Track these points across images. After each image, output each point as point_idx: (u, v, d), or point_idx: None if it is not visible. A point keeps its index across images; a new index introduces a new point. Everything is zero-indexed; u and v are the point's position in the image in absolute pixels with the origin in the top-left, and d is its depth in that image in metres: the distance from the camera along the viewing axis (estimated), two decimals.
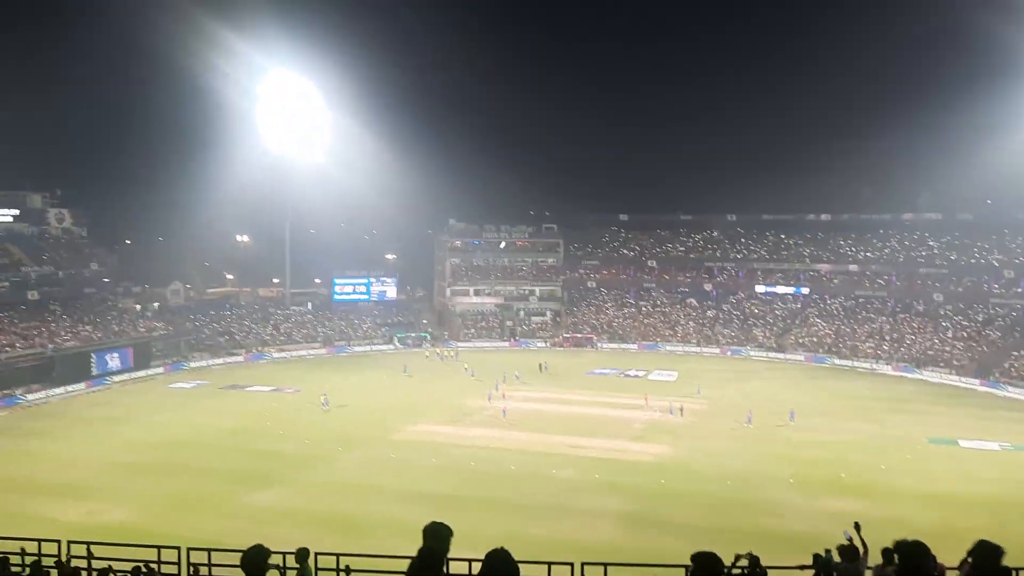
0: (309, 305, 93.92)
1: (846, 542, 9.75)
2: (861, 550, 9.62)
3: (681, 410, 50.29)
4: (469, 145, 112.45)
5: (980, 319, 76.51)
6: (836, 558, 9.90)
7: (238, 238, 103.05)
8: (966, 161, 73.50)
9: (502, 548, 4.60)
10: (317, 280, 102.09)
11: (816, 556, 9.53)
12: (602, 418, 49.70)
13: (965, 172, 74.60)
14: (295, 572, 11.02)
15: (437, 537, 4.88)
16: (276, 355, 79.23)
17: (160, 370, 69.74)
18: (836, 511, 29.46)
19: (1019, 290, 77.52)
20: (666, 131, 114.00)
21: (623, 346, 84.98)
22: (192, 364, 72.77)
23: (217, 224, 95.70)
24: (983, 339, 72.91)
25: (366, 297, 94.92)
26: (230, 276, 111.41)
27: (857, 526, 9.88)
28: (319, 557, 14.15)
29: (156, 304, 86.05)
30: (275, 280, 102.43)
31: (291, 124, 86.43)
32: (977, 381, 64.84)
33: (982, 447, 43.53)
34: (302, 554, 11.00)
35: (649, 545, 25.57)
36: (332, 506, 31.64)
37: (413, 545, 5.97)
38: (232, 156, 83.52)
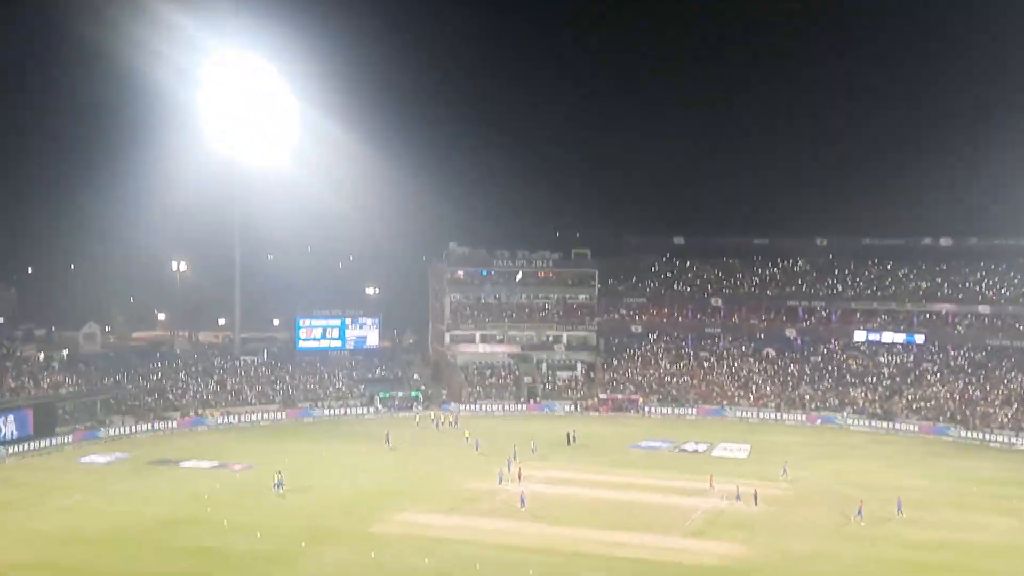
0: (265, 354, 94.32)
1: None
2: None
3: (755, 497, 49.91)
4: (477, 151, 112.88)
5: None
6: None
7: (174, 266, 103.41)
8: None
9: None
10: (276, 322, 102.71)
11: None
12: (650, 506, 49.38)
13: None
14: None
15: None
16: (221, 420, 79.34)
17: (69, 439, 69.87)
18: None
19: None
20: (735, 132, 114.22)
21: (678, 411, 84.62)
22: (110, 431, 72.96)
23: (146, 249, 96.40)
24: None
25: (339, 344, 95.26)
26: (162, 316, 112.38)
27: None
28: None
29: (65, 352, 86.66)
30: (221, 321, 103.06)
31: (246, 121, 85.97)
32: None
33: None
34: None
35: None
36: None
37: None
38: (168, 161, 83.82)
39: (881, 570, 38.57)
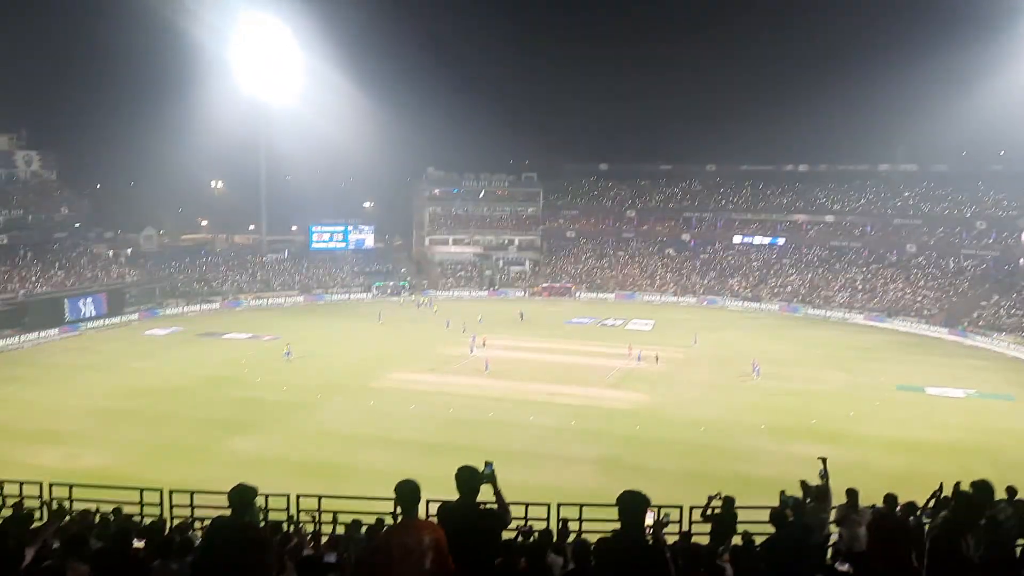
0: (286, 252, 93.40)
1: (819, 480, 10.08)
2: (821, 484, 9.94)
3: (657, 358, 51.00)
4: (448, 93, 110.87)
5: (951, 270, 77.82)
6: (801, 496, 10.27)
7: (212, 184, 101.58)
8: (942, 112, 73.77)
9: (627, 491, 5.11)
10: (294, 227, 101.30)
11: (782, 494, 9.89)
12: (580, 366, 50.31)
13: (941, 123, 74.92)
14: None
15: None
16: (253, 303, 78.97)
17: (134, 317, 69.32)
18: (806, 456, 29.90)
19: (989, 241, 78.87)
20: (647, 80, 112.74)
21: (601, 295, 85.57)
22: (167, 311, 72.39)
23: (190, 169, 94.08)
24: (953, 289, 74.25)
25: (344, 245, 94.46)
26: (205, 222, 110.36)
27: (824, 460, 10.15)
28: (302, 500, 14.47)
29: (129, 250, 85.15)
30: (251, 227, 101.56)
31: (264, 67, 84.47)
32: (946, 330, 66.24)
33: (948, 394, 44.75)
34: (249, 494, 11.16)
35: (624, 489, 26.16)
36: (313, 453, 32.00)
37: (392, 490, 6.24)
38: (204, 100, 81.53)
39: (745, 408, 39.93)
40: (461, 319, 65.41)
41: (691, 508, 12.64)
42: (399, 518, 5.84)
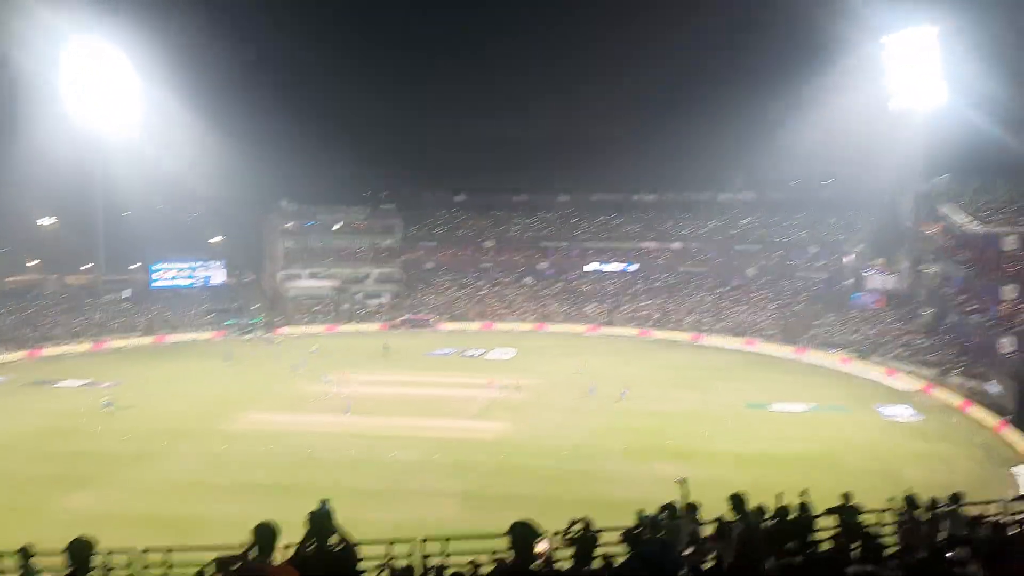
0: (126, 293, 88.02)
1: (678, 492, 10.47)
2: (681, 504, 10.44)
3: (518, 387, 51.51)
4: (301, 123, 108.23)
5: (788, 292, 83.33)
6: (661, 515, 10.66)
7: (41, 221, 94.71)
8: (776, 142, 79.18)
9: (518, 522, 5.22)
10: (135, 265, 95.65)
11: (640, 515, 10.16)
12: (443, 398, 50.09)
13: (775, 153, 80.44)
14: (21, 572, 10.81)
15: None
16: (90, 347, 73.76)
17: None
18: (663, 476, 31.13)
19: (821, 263, 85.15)
20: (501, 111, 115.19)
21: (463, 325, 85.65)
22: None
23: (16, 206, 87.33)
24: (789, 310, 79.49)
25: (190, 282, 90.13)
26: (33, 263, 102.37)
27: (683, 481, 10.70)
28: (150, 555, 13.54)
29: None
30: (84, 267, 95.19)
31: (99, 96, 79.81)
32: (786, 348, 70.67)
33: (791, 409, 47.69)
34: (23, 553, 10.95)
35: (491, 519, 25.80)
36: (159, 505, 30.08)
37: (246, 538, 6.00)
38: (31, 131, 75.71)
39: (606, 432, 40.97)
40: (315, 357, 63.67)
41: (554, 533, 12.77)
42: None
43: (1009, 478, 33.50)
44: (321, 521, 5.81)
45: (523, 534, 5.46)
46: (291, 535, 7.14)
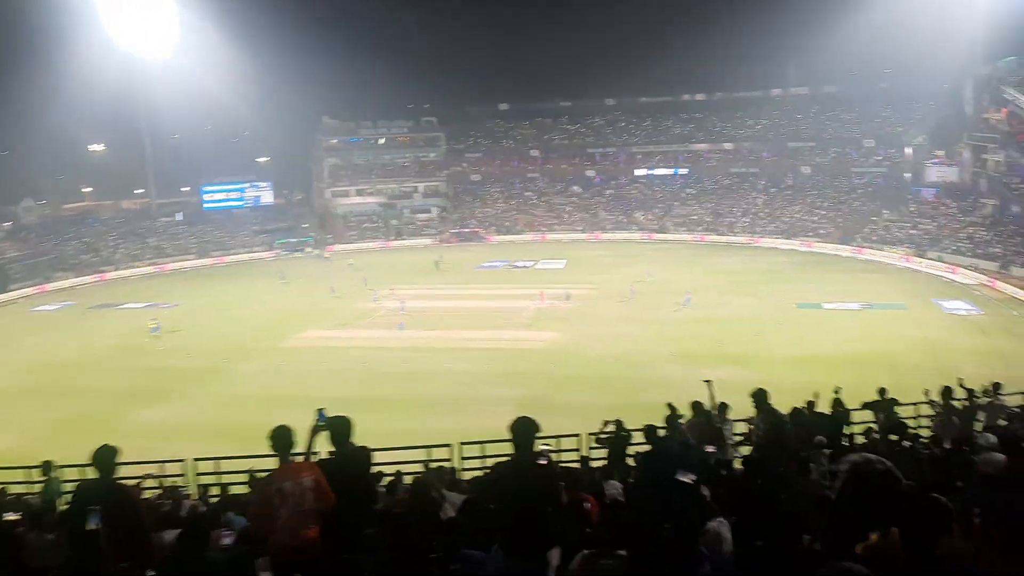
0: (179, 215, 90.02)
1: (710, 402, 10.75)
2: (708, 404, 10.76)
3: (568, 297, 51.80)
4: (339, 38, 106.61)
5: (844, 189, 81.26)
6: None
7: (92, 147, 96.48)
8: (831, 34, 75.84)
9: (520, 417, 5.54)
10: (185, 188, 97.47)
11: (668, 415, 10.45)
12: (494, 310, 50.68)
13: (830, 45, 77.10)
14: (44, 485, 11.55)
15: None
16: (149, 270, 76.08)
17: (23, 292, 66.00)
18: (715, 379, 31.57)
19: (878, 159, 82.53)
20: (543, 15, 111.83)
21: (513, 237, 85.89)
22: (56, 284, 69.05)
23: (66, 133, 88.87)
24: (846, 207, 77.70)
25: (240, 203, 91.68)
26: (88, 189, 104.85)
27: (709, 383, 11.04)
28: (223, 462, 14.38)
29: (8, 224, 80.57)
30: (139, 191, 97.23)
31: (139, 19, 79.93)
32: (841, 247, 69.48)
33: (845, 307, 47.23)
34: (45, 467, 11.63)
35: (544, 424, 26.82)
36: (227, 417, 31.41)
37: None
38: (75, 58, 76.37)
39: (657, 339, 41.15)
40: (365, 273, 64.65)
41: (588, 434, 13.20)
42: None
43: None
44: (330, 429, 6.17)
45: (524, 430, 5.59)
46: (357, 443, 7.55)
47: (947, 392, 12.21)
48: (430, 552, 4.95)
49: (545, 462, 5.94)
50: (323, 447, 6.60)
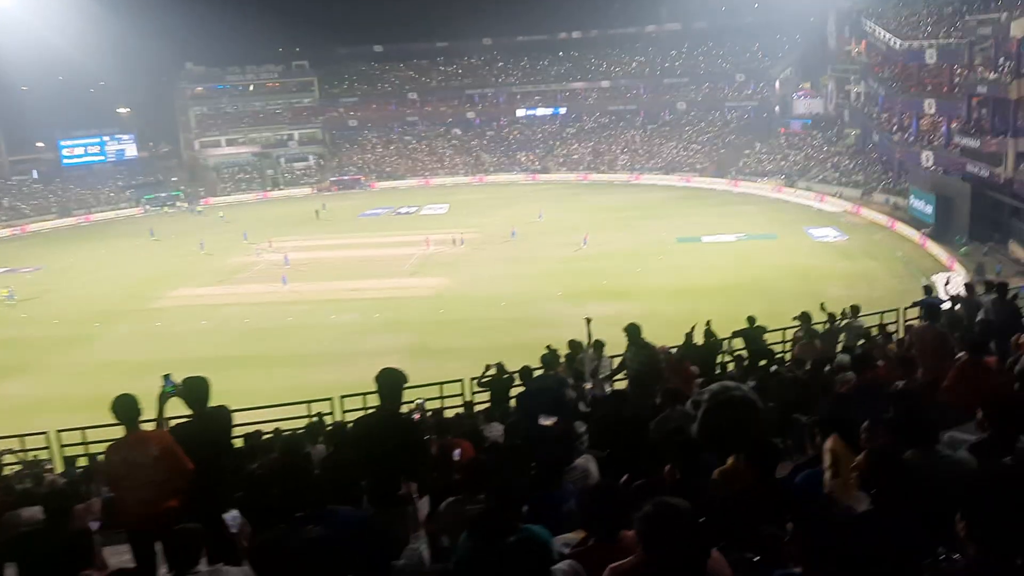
0: (35, 173, 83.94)
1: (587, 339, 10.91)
2: (586, 342, 10.96)
3: (454, 241, 51.54)
4: None
5: (718, 123, 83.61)
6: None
7: None
8: None
9: (385, 368, 5.34)
10: (40, 144, 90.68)
11: (544, 353, 10.57)
12: (379, 258, 50.01)
13: None
14: None
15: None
16: (4, 232, 70.86)
17: None
18: (600, 315, 32.03)
19: (749, 92, 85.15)
20: None
21: (393, 183, 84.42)
22: None
23: None
24: (720, 142, 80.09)
25: (102, 158, 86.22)
26: None
27: (587, 321, 11.23)
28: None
29: None
30: None
31: None
32: (717, 181, 71.76)
33: (721, 240, 49.03)
34: None
35: (434, 370, 26.55)
36: (96, 387, 29.70)
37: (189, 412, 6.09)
38: None
39: (542, 278, 41.74)
40: (245, 226, 62.36)
41: (471, 379, 13.21)
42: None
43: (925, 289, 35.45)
44: (184, 392, 5.90)
45: (389, 381, 5.60)
46: (235, 403, 7.23)
47: (807, 317, 12.81)
48: (294, 511, 4.77)
49: (419, 415, 5.83)
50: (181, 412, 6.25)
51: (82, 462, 13.21)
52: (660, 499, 2.78)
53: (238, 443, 10.90)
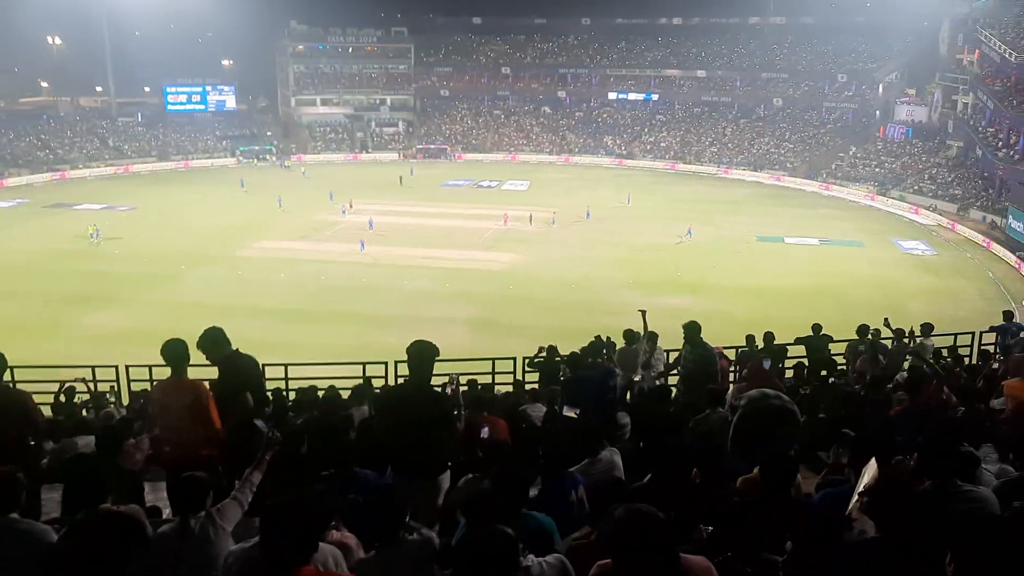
0: (139, 116, 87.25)
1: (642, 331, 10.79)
2: (642, 333, 10.80)
3: (530, 219, 51.56)
4: None
5: (814, 123, 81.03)
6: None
7: (50, 40, 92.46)
8: None
9: (416, 341, 5.38)
10: (146, 88, 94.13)
11: (595, 340, 10.49)
12: (455, 229, 50.40)
13: None
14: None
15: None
16: (107, 171, 74.06)
17: None
18: (669, 307, 31.73)
19: (850, 94, 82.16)
20: None
21: (478, 156, 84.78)
22: (11, 181, 66.96)
23: (24, 23, 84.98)
24: (815, 142, 77.64)
25: (203, 107, 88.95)
26: (45, 84, 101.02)
27: (643, 312, 11.06)
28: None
29: None
30: (98, 88, 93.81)
31: None
32: (807, 182, 69.71)
33: (804, 242, 47.69)
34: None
35: (495, 345, 26.85)
36: (176, 324, 30.48)
37: (263, 360, 6.27)
38: None
39: (614, 264, 41.37)
40: (330, 185, 63.54)
41: (523, 358, 13.19)
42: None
43: (1019, 312, 33.77)
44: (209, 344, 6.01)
45: (419, 354, 5.58)
46: (302, 357, 7.42)
47: (865, 330, 12.40)
48: (321, 470, 4.88)
49: (451, 388, 5.84)
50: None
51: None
52: (631, 505, 2.74)
53: (292, 396, 11.22)
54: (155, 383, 6.14)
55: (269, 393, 7.76)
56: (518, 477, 4.07)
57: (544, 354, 11.85)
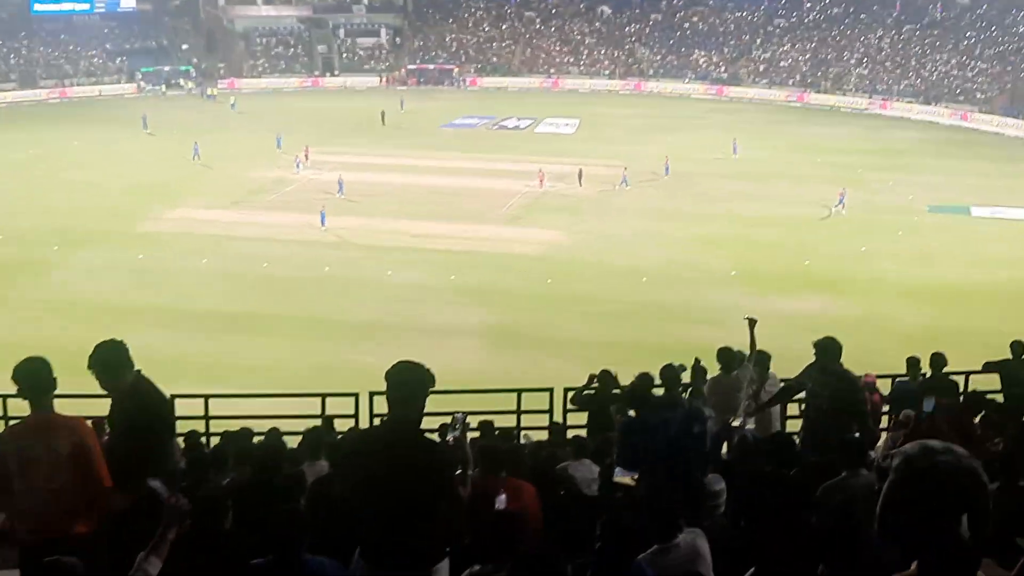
0: None
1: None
2: (748, 354, 10.67)
3: (579, 177, 51.46)
4: None
5: (1019, 32, 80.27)
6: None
7: None
8: None
9: (400, 362, 5.31)
10: None
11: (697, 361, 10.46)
12: (463, 192, 50.52)
13: None
14: None
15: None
16: None
17: None
18: (794, 313, 31.64)
19: None
20: None
21: (501, 81, 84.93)
22: None
23: None
24: (1018, 60, 76.93)
25: (87, 7, 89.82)
26: None
27: (751, 322, 10.90)
28: None
29: None
30: None
31: None
32: (1008, 121, 69.05)
33: (1003, 215, 47.15)
34: None
35: (522, 370, 27.02)
36: (39, 334, 31.12)
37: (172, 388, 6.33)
38: None
39: (708, 245, 41.23)
40: (277, 125, 64.00)
41: (564, 390, 13.17)
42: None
43: None
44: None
45: (405, 381, 5.53)
46: (245, 382, 7.53)
47: None
48: (252, 556, 4.96)
49: (452, 435, 5.86)
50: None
51: None
52: None
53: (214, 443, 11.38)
54: (8, 426, 6.11)
55: (180, 439, 7.83)
56: (551, 570, 4.07)
57: (596, 384, 11.84)
